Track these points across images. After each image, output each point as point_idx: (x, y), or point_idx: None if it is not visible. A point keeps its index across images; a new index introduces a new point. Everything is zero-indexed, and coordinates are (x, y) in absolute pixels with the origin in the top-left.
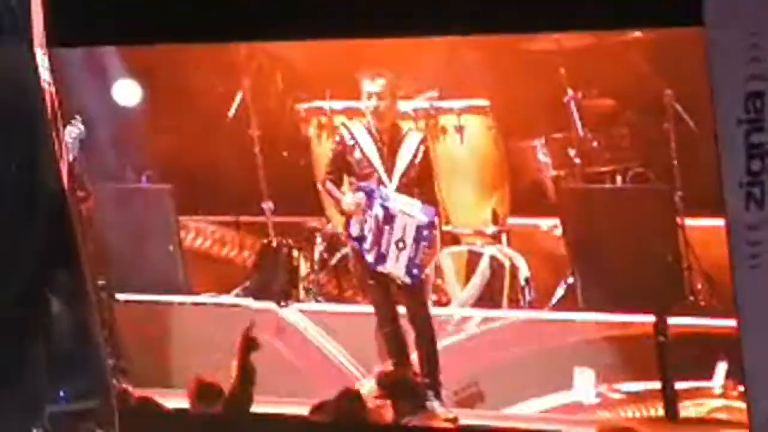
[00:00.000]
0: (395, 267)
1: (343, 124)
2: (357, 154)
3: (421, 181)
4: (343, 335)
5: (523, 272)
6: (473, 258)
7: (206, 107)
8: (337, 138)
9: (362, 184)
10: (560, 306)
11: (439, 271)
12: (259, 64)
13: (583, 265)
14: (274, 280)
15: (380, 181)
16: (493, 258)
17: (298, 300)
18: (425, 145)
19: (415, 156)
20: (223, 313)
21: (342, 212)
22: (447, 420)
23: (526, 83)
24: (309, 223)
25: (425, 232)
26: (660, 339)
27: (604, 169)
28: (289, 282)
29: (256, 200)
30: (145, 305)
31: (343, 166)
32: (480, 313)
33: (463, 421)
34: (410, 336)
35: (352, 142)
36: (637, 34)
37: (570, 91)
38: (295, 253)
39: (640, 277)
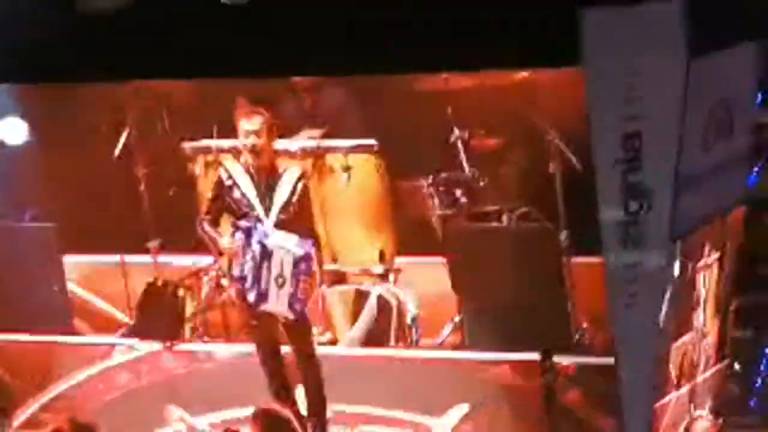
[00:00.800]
0: (277, 304)
1: (221, 164)
2: (236, 194)
3: (298, 216)
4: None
5: (411, 311)
6: (360, 297)
7: (92, 146)
8: (216, 178)
9: (240, 223)
10: (447, 345)
11: (324, 309)
12: (145, 102)
13: (470, 304)
14: (159, 320)
15: (258, 219)
16: (380, 297)
17: (183, 340)
18: (303, 180)
19: (293, 192)
20: (109, 353)
21: (220, 253)
22: None
23: (413, 123)
24: (196, 261)
25: (303, 266)
26: (546, 378)
27: (490, 208)
28: (175, 322)
29: (142, 239)
30: (26, 345)
31: (221, 206)
32: (368, 352)
33: None
34: (296, 374)
35: (230, 182)
36: (523, 74)
37: (456, 131)
38: (181, 292)
39: (526, 315)
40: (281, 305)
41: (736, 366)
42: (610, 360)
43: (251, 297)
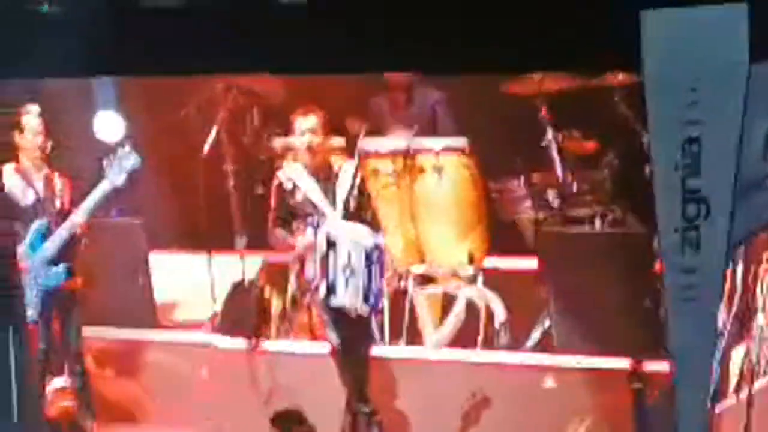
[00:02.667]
0: (348, 297)
1: (279, 168)
2: (297, 194)
3: (362, 207)
4: None
5: (499, 315)
6: (448, 299)
7: (182, 141)
8: (276, 182)
9: (308, 220)
10: (536, 349)
11: (411, 310)
12: (236, 99)
13: (560, 308)
14: (245, 317)
15: (322, 214)
16: (468, 299)
17: (268, 338)
18: (360, 173)
19: (352, 186)
20: (191, 351)
21: (297, 258)
22: None
23: (506, 124)
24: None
25: (375, 256)
26: (635, 385)
27: (583, 212)
28: (261, 321)
29: (230, 235)
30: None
31: (287, 209)
32: (455, 354)
33: None
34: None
35: (290, 184)
36: (619, 77)
37: (550, 133)
38: (267, 290)
39: (617, 321)
40: (353, 298)
41: None
42: None
43: (321, 292)
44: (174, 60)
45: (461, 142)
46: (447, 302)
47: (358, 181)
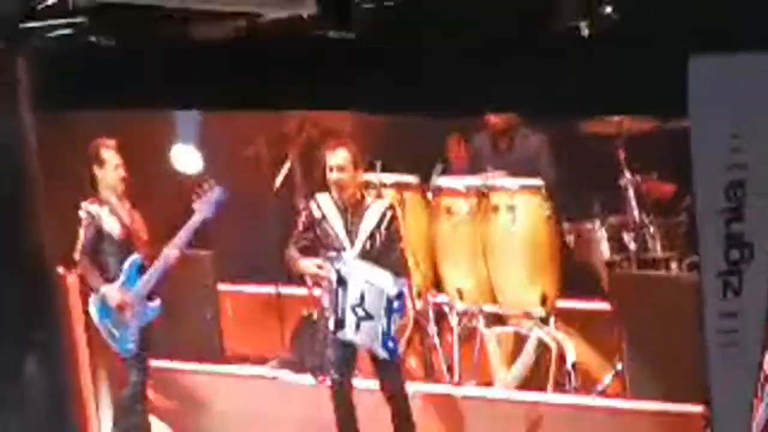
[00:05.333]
0: (363, 338)
1: (311, 198)
2: (324, 225)
3: (387, 249)
4: None
5: (570, 356)
6: (519, 339)
7: (253, 175)
8: (308, 210)
9: (328, 253)
10: (608, 393)
11: (482, 348)
12: (308, 134)
13: (634, 352)
14: (312, 353)
15: (342, 248)
16: (539, 340)
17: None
18: (392, 212)
19: (380, 223)
20: (259, 385)
21: (318, 285)
22: None
23: (583, 164)
24: None
25: (396, 303)
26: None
27: (659, 255)
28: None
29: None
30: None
31: (311, 237)
32: (525, 396)
33: None
34: (386, 413)
35: (319, 214)
36: None
37: (627, 174)
38: None
39: (690, 366)
40: (365, 339)
41: None
42: None
43: (330, 324)
44: (244, 95)
45: (537, 181)
46: (518, 343)
47: (386, 222)
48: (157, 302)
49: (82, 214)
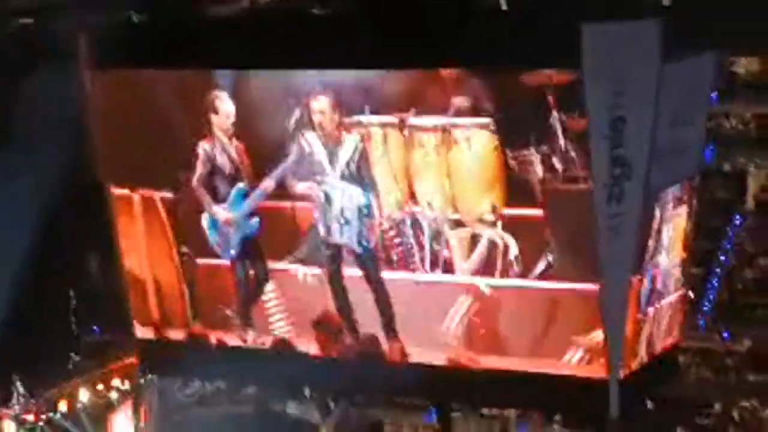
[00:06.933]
0: (344, 239)
1: (303, 136)
2: (312, 156)
3: (359, 172)
4: None
5: (513, 251)
6: (474, 239)
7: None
8: (298, 144)
9: (317, 177)
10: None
11: (447, 245)
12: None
13: (559, 246)
14: (315, 251)
15: (325, 173)
16: (490, 239)
17: None
18: (362, 145)
19: (353, 153)
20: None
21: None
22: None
23: (521, 106)
24: None
25: (366, 211)
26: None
27: (578, 174)
28: None
29: None
30: None
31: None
32: (479, 281)
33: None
34: (369, 297)
35: (308, 148)
36: None
37: (555, 113)
38: None
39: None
40: (347, 239)
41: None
42: None
43: (321, 230)
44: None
45: (487, 120)
46: (474, 241)
47: (358, 152)
48: (256, 219)
49: (199, 150)
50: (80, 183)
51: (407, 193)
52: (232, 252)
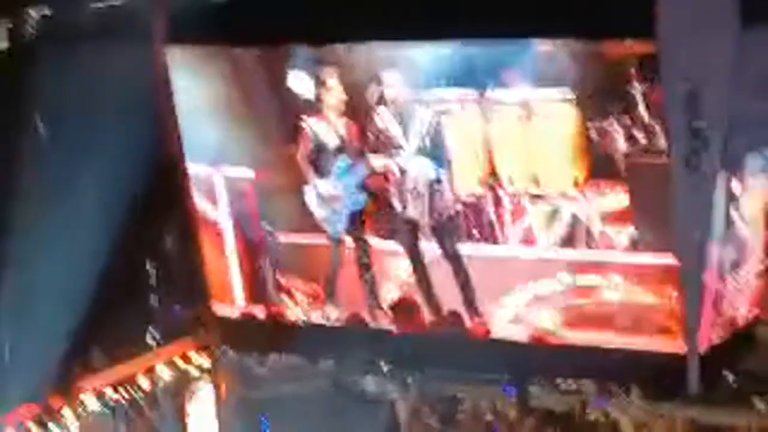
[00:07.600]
0: (416, 213)
1: (377, 113)
2: (388, 132)
3: (432, 147)
4: None
5: (597, 225)
6: (557, 213)
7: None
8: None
9: (392, 152)
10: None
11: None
12: None
13: (642, 219)
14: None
15: (400, 147)
16: (573, 214)
17: None
18: (437, 119)
19: (428, 129)
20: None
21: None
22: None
23: (603, 78)
24: None
25: (437, 186)
26: None
27: (662, 147)
28: None
29: None
30: None
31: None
32: (562, 253)
33: None
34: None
35: (382, 125)
36: None
37: (637, 85)
38: None
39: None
40: (423, 214)
41: None
42: None
43: (396, 204)
44: None
45: (569, 93)
46: (556, 215)
47: (433, 127)
48: (364, 194)
49: (305, 126)
50: (159, 160)
51: (487, 167)
52: (339, 227)
